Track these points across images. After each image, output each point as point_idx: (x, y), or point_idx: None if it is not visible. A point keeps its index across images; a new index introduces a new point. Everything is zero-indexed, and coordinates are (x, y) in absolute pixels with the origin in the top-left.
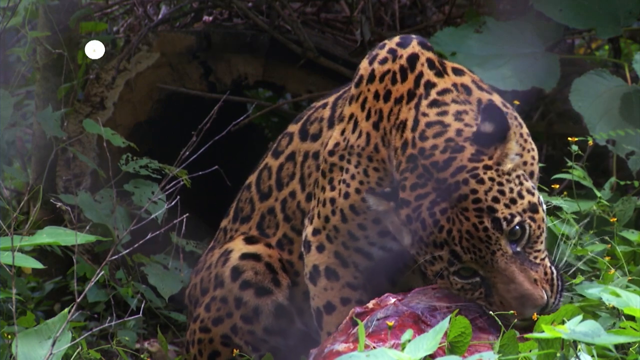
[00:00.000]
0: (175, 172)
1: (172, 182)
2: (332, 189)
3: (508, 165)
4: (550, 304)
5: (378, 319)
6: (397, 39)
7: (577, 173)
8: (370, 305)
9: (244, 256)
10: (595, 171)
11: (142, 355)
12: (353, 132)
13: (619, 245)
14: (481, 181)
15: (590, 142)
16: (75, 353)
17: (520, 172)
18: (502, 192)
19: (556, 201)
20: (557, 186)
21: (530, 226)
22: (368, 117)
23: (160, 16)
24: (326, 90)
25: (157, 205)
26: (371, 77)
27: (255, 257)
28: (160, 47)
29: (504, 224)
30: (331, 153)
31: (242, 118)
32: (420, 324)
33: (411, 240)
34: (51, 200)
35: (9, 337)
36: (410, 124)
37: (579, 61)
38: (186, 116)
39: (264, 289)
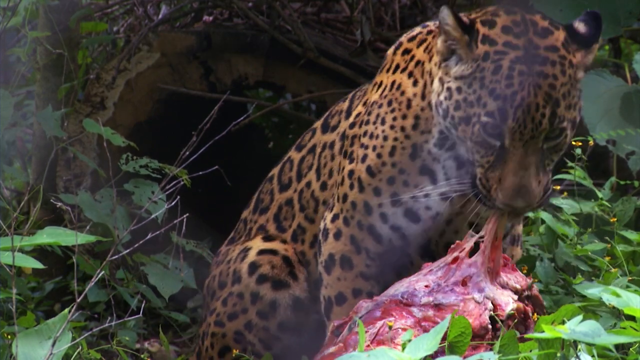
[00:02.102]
0: (176, 172)
1: (172, 182)
2: (351, 161)
3: (580, 74)
4: (533, 207)
5: (361, 317)
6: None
7: (577, 173)
8: (345, 317)
9: (261, 252)
10: (595, 171)
11: (142, 355)
12: (376, 92)
13: (619, 245)
14: (563, 73)
15: (591, 142)
16: (76, 353)
17: (580, 88)
18: (569, 94)
19: (556, 201)
20: (558, 187)
21: (565, 136)
22: (395, 70)
23: (160, 16)
24: (326, 91)
25: (157, 205)
26: (398, 47)
27: (272, 252)
28: (161, 47)
29: (556, 120)
30: (352, 125)
31: (242, 118)
32: (402, 308)
33: (468, 73)
34: (51, 200)
35: (9, 337)
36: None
37: None
38: (186, 116)
39: (281, 282)
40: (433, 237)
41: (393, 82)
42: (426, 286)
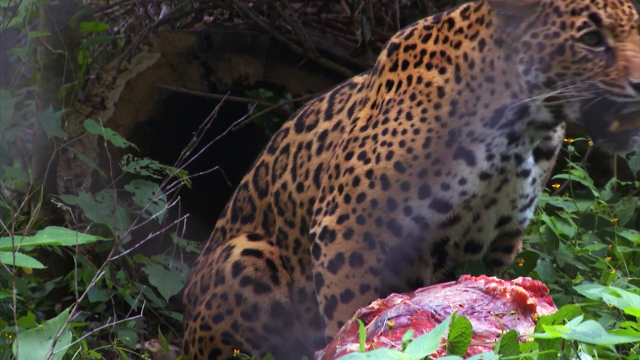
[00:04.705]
0: (176, 172)
1: (173, 183)
2: (367, 161)
3: None
4: None
5: (389, 318)
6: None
7: (577, 173)
8: (375, 305)
9: (246, 252)
10: (595, 171)
11: (142, 356)
12: (388, 92)
13: (619, 245)
14: None
15: (591, 143)
16: (76, 353)
17: None
18: None
19: (556, 201)
20: (558, 186)
21: None
22: (405, 67)
23: (161, 16)
24: (327, 91)
25: (157, 205)
26: (395, 47)
27: (256, 253)
28: (161, 47)
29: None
30: (364, 128)
31: (242, 118)
32: (434, 323)
33: (535, 17)
34: (52, 201)
35: (10, 337)
36: None
37: None
38: (187, 116)
39: (263, 286)
40: (454, 236)
41: (409, 78)
42: (460, 305)
